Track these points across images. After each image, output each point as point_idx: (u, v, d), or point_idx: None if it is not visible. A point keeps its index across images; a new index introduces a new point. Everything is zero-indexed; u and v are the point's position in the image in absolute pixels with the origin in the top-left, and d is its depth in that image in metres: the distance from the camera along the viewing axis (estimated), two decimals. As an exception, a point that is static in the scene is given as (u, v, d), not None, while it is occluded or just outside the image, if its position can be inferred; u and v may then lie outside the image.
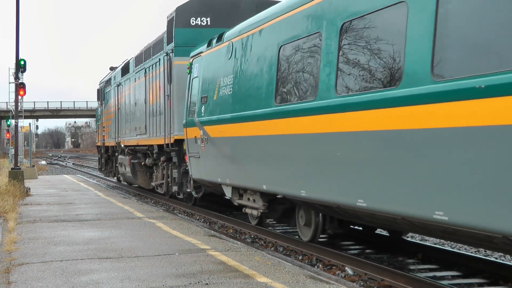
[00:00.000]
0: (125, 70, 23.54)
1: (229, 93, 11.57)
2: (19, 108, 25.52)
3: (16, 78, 22.15)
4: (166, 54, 16.63)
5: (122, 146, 23.13)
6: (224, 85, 11.87)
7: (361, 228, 11.07)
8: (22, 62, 21.83)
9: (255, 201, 11.32)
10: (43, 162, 63.52)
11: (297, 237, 10.68)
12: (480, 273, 8.12)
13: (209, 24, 16.00)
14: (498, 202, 5.40)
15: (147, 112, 19.20)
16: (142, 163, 20.26)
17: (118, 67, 25.63)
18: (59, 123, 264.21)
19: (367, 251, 9.98)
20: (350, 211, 8.14)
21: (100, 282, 6.68)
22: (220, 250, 8.66)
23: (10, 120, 46.85)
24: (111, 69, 27.62)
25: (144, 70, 19.73)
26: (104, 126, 28.24)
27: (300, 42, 9.03)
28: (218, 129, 12.12)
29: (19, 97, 23.29)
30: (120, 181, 26.25)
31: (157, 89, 17.93)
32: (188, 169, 14.58)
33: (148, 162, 19.49)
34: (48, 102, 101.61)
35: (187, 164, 14.57)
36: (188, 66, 14.42)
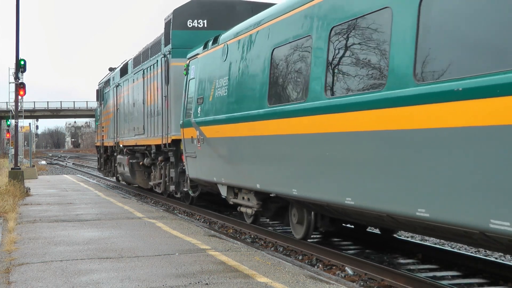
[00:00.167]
0: (123, 71, 23.69)
1: (224, 94, 11.79)
2: (19, 108, 25.50)
3: (16, 78, 22.16)
4: (164, 56, 16.80)
5: (121, 146, 23.27)
6: (219, 86, 12.08)
7: (352, 226, 11.29)
8: (22, 62, 21.84)
9: (250, 200, 11.51)
10: (43, 162, 63.36)
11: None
12: (480, 273, 8.11)
13: (205, 26, 16.20)
14: (474, 199, 5.63)
15: (145, 112, 19.38)
16: (141, 163, 20.40)
17: (117, 68, 25.76)
18: (59, 123, 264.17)
19: (367, 251, 9.98)
20: (339, 209, 8.36)
21: (100, 282, 6.69)
22: (220, 250, 8.66)
23: (10, 120, 46.64)
24: (110, 69, 27.77)
25: (142, 71, 19.91)
26: (103, 126, 28.40)
27: (292, 45, 9.25)
28: (213, 129, 12.33)
29: (19, 97, 23.30)
30: (119, 180, 26.40)
31: (154, 90, 18.11)
32: (185, 168, 14.80)
33: (146, 162, 19.63)
34: (48, 102, 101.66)
35: (184, 163, 14.75)
36: (185, 68, 14.58)
